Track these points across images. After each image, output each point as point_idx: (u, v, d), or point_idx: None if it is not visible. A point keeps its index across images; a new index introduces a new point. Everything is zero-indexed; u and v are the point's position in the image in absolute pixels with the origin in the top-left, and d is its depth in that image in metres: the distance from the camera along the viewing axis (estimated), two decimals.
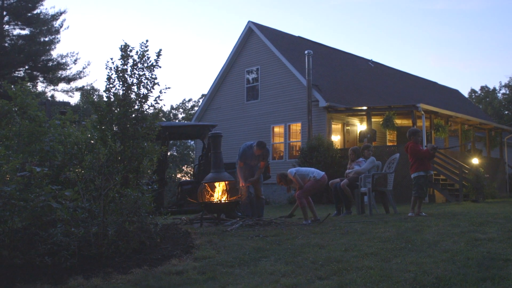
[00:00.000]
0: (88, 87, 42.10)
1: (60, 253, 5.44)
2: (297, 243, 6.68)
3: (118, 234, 5.86)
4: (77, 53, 37.92)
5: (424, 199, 16.38)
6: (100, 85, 55.40)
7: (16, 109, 8.62)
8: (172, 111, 49.80)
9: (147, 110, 7.68)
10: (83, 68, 37.91)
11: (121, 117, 7.43)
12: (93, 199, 6.13)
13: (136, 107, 7.66)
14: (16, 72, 35.42)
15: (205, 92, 43.52)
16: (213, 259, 5.85)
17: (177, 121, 47.60)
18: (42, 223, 6.19)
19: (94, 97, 46.43)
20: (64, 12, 36.78)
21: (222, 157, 9.31)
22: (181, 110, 50.56)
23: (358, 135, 22.75)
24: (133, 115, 7.57)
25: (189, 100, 51.19)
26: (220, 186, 8.89)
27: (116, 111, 7.52)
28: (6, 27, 35.19)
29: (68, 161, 8.06)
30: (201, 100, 45.75)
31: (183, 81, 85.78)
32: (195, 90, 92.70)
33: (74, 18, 77.51)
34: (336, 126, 22.53)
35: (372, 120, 20.60)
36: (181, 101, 52.59)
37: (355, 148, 11.43)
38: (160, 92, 7.73)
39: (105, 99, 7.70)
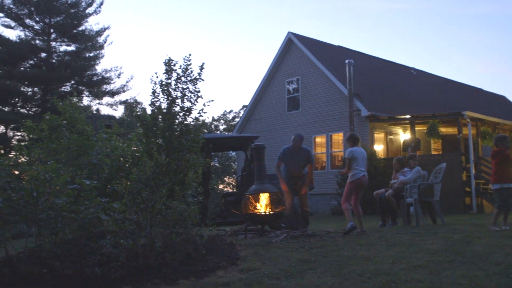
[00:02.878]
0: (131, 100, 43.00)
1: (110, 264, 5.53)
2: (343, 254, 6.61)
3: (165, 246, 5.93)
4: (120, 68, 38.93)
5: (473, 210, 15.93)
6: (143, 98, 56.33)
7: (65, 123, 8.91)
8: (214, 122, 50.27)
9: (191, 122, 7.78)
10: (127, 82, 38.76)
11: (166, 130, 7.56)
12: (140, 211, 6.23)
13: (180, 120, 7.79)
14: (63, 87, 36.51)
15: (246, 103, 43.71)
16: (259, 271, 5.84)
17: (218, 132, 47.98)
18: (91, 235, 6.34)
19: (137, 110, 47.37)
20: (107, 28, 37.78)
21: (266, 168, 9.32)
22: (222, 121, 50.97)
23: (401, 144, 22.39)
24: (177, 128, 7.69)
25: (230, 112, 51.56)
26: (263, 198, 8.89)
27: (160, 124, 7.66)
28: (53, 44, 36.42)
29: (115, 173, 8.23)
30: (242, 111, 46.01)
31: (224, 92, 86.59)
32: (236, 101, 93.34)
33: (117, 33, 79.46)
34: (378, 136, 22.24)
35: (416, 128, 20.23)
36: (222, 113, 53.07)
37: (400, 157, 11.25)
38: (204, 105, 7.85)
39: (149, 112, 7.86)
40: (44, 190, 5.98)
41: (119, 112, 45.05)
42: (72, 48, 36.79)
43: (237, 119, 46.92)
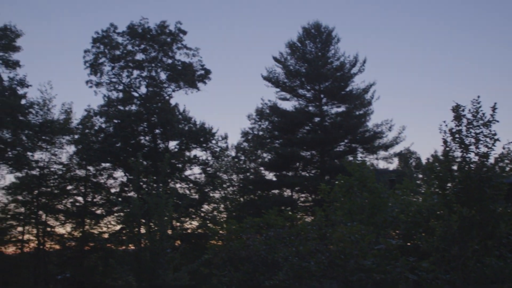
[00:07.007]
0: (405, 151, 42.48)
1: None
2: None
3: None
4: (391, 120, 38.60)
5: None
6: (417, 148, 55.06)
7: (356, 183, 9.13)
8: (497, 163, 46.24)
9: (491, 169, 7.19)
10: (399, 134, 38.28)
11: (463, 180, 7.10)
12: (451, 270, 5.85)
13: (477, 167, 7.25)
14: (338, 147, 38.24)
15: None
16: None
17: (504, 174, 43.83)
18: None
19: (411, 161, 46.58)
20: (373, 84, 38.56)
21: None
22: (506, 160, 46.56)
23: None
24: (475, 176, 7.15)
25: None
26: None
27: (456, 174, 7.25)
28: (325, 108, 38.73)
29: (411, 229, 8.02)
30: None
31: (504, 127, 79.44)
32: None
33: (384, 86, 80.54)
34: None
35: None
36: (505, 151, 48.54)
37: None
38: (503, 147, 7.20)
39: (437, 161, 7.52)
40: (351, 252, 6.09)
41: (393, 164, 44.73)
42: (342, 109, 38.55)
43: None
